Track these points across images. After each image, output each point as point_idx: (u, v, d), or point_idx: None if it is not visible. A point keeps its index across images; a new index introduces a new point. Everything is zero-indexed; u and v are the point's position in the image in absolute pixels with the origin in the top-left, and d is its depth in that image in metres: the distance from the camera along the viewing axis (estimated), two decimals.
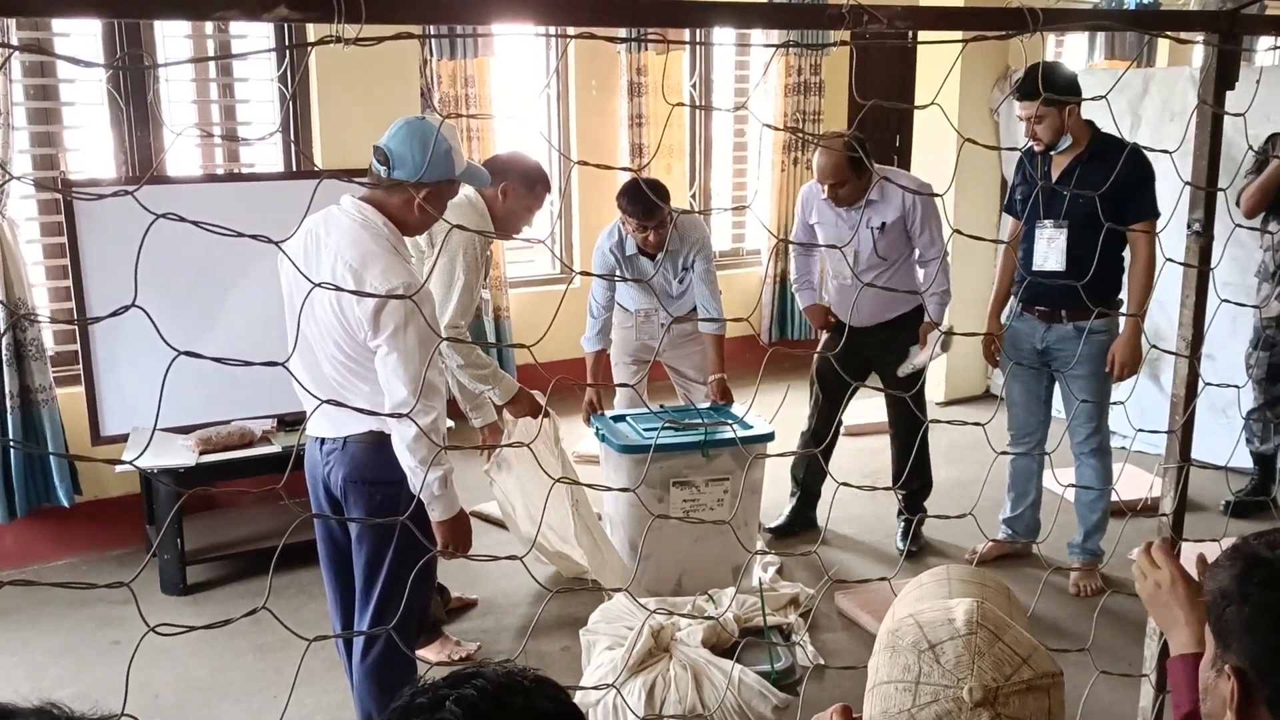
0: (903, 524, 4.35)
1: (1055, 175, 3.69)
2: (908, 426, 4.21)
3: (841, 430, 4.85)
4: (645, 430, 3.79)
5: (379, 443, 2.56)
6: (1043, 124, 3.61)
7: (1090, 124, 3.70)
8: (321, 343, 2.54)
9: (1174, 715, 1.54)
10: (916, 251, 4.08)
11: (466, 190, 3.38)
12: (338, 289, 2.28)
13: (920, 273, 4.15)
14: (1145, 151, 3.54)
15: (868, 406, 4.51)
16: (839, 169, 3.88)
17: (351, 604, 2.78)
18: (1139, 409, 5.40)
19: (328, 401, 1.70)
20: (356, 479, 2.62)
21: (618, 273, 4.27)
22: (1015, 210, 3.91)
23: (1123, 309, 3.76)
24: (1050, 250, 3.67)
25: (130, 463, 1.23)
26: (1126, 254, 3.73)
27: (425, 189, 2.50)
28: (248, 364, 1.18)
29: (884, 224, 4.01)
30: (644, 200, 3.93)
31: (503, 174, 3.45)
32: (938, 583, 1.53)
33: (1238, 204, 4.52)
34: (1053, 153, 3.70)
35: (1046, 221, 3.67)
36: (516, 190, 3.52)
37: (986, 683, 1.20)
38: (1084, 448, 3.88)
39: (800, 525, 4.44)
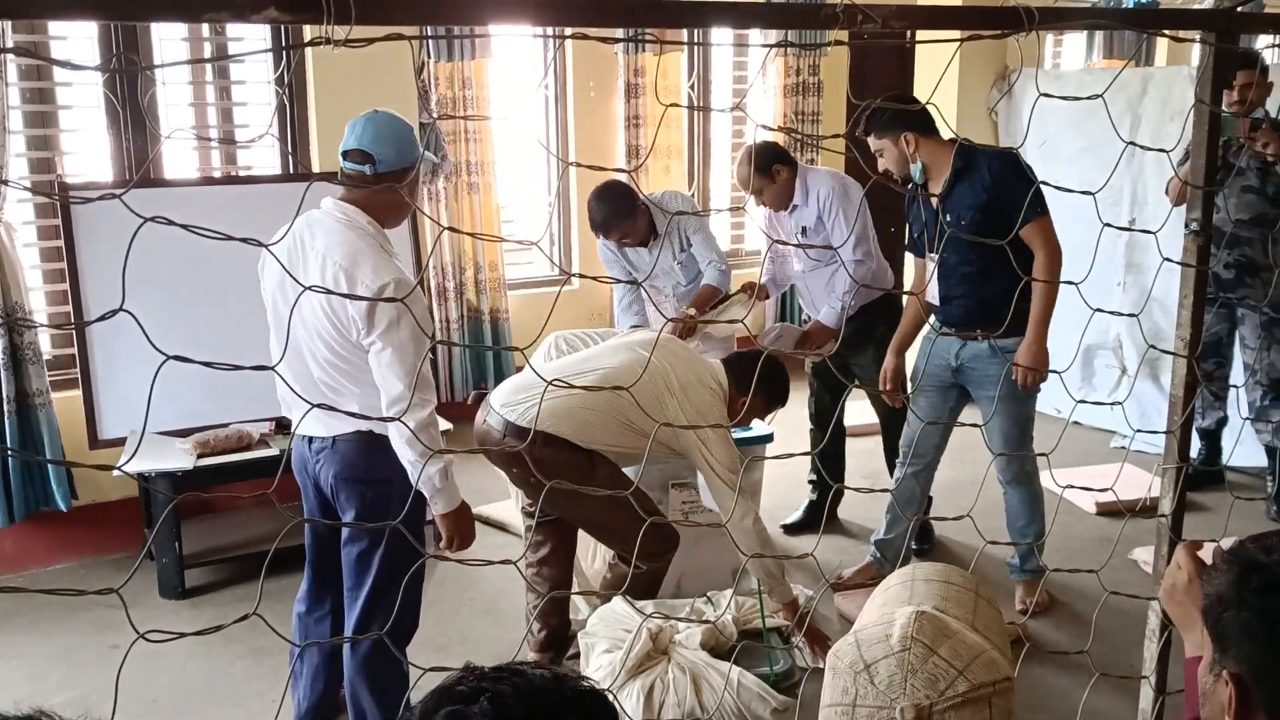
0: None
1: (936, 205, 3.53)
2: (891, 425, 4.24)
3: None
4: None
5: (369, 441, 2.58)
6: (884, 157, 3.52)
7: (952, 143, 3.50)
8: (311, 345, 2.55)
9: (1185, 715, 1.53)
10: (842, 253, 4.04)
11: (720, 381, 3.31)
12: (329, 292, 2.29)
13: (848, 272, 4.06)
14: (1017, 154, 3.51)
15: (866, 407, 4.52)
16: (745, 179, 4.03)
17: (325, 597, 2.82)
18: (1138, 409, 5.42)
19: (320, 406, 1.69)
20: (347, 477, 2.64)
21: (625, 266, 4.36)
22: (917, 248, 3.76)
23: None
24: (933, 284, 3.58)
25: (120, 468, 1.22)
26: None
27: (409, 174, 2.54)
28: (237, 368, 1.18)
29: (805, 228, 4.09)
30: (592, 218, 4.16)
31: (746, 385, 3.27)
32: (903, 585, 1.52)
33: (1166, 193, 4.60)
34: (914, 183, 3.55)
35: (932, 255, 3.58)
36: (750, 403, 3.31)
37: (919, 700, 1.19)
38: (1007, 475, 3.68)
39: (815, 520, 4.46)
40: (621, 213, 4.12)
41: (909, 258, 4.28)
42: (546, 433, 3.09)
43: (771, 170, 4.02)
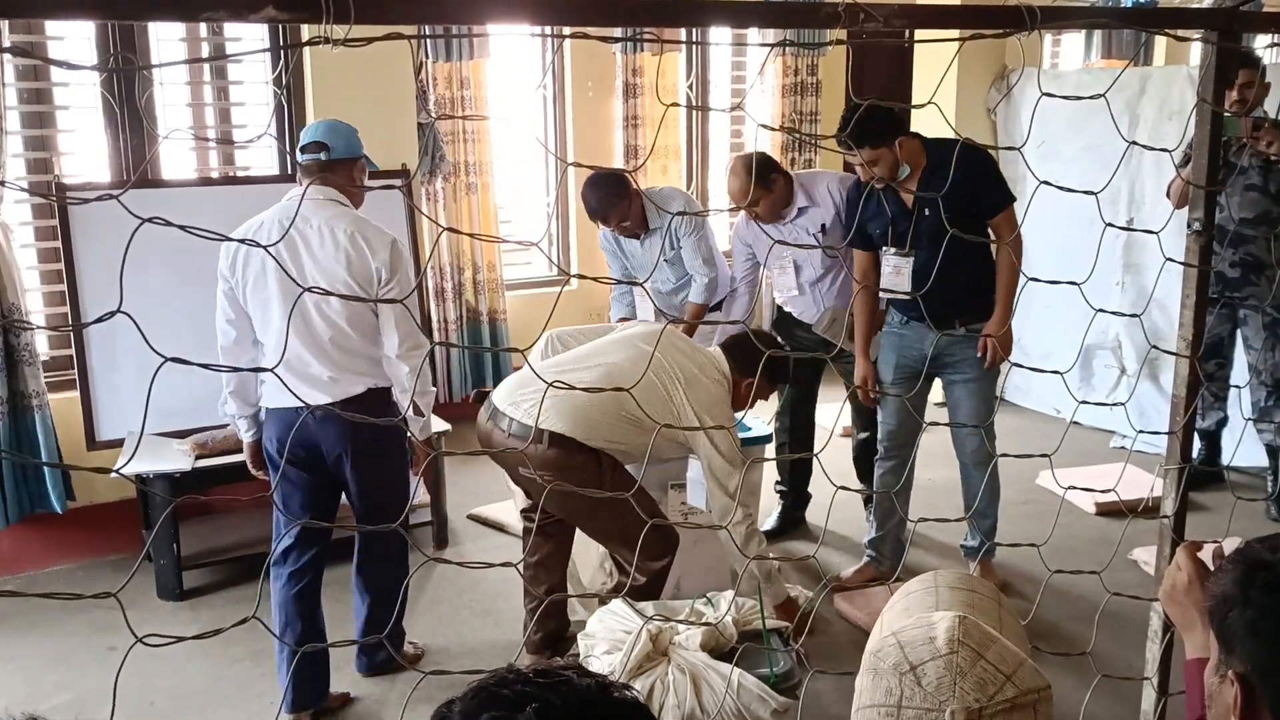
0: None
1: (910, 203, 3.56)
2: (874, 425, 4.24)
3: (838, 432, 4.85)
4: None
5: (374, 399, 3.05)
6: (878, 165, 3.47)
7: (919, 139, 3.57)
8: (322, 309, 2.98)
9: (1186, 716, 1.52)
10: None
11: (721, 368, 3.32)
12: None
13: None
14: (979, 144, 3.60)
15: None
16: (743, 190, 3.94)
17: (309, 551, 3.16)
18: (1138, 409, 5.41)
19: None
20: (364, 435, 3.04)
21: (623, 259, 4.36)
22: (869, 244, 3.73)
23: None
24: (895, 278, 3.59)
25: (117, 471, 1.21)
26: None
27: (358, 161, 3.10)
28: (235, 369, 1.17)
29: (824, 225, 4.04)
30: (588, 205, 4.17)
31: (750, 367, 3.28)
32: (926, 591, 1.51)
33: (1167, 195, 4.57)
34: (881, 181, 3.53)
35: (890, 249, 3.59)
36: (754, 384, 3.21)
37: (969, 704, 1.18)
38: (975, 457, 3.74)
39: (790, 526, 4.43)
40: (617, 193, 4.12)
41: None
42: (553, 432, 3.08)
43: (770, 180, 3.96)
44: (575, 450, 3.10)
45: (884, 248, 3.62)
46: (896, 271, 3.59)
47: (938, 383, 4.15)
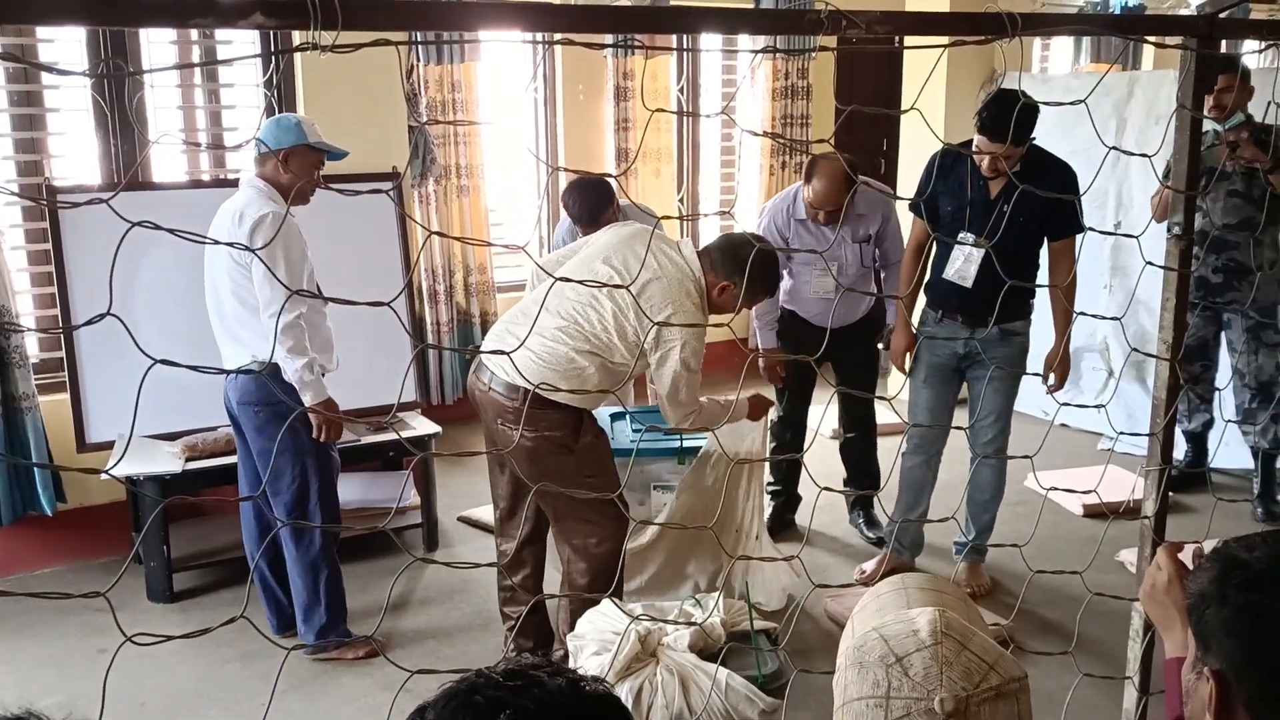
0: (862, 516, 4.47)
1: (993, 193, 3.58)
2: (864, 426, 4.35)
3: (830, 434, 4.87)
4: (632, 433, 3.78)
5: (264, 372, 3.22)
6: (1002, 161, 3.45)
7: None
8: (222, 286, 3.29)
9: (1166, 716, 1.54)
10: (881, 256, 4.14)
11: (692, 269, 3.10)
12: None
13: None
14: (1073, 168, 3.64)
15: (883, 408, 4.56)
16: (841, 192, 3.82)
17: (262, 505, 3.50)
18: (1125, 410, 5.44)
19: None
20: (243, 402, 3.33)
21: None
22: (933, 215, 3.73)
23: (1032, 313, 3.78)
24: (966, 266, 3.61)
25: (106, 472, 1.22)
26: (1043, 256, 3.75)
27: (283, 151, 3.29)
28: (224, 372, 1.18)
29: (870, 235, 4.06)
30: (577, 212, 4.10)
31: (729, 269, 3.09)
32: (896, 593, 1.54)
33: (1151, 199, 4.60)
34: (969, 159, 3.57)
35: (968, 236, 3.59)
36: (735, 290, 3.11)
37: (957, 692, 1.20)
38: (989, 449, 3.78)
39: (780, 528, 4.45)
40: (607, 198, 4.11)
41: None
42: (525, 389, 3.02)
43: (852, 185, 3.84)
44: (551, 407, 3.06)
45: (960, 234, 3.61)
46: (968, 260, 3.60)
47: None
